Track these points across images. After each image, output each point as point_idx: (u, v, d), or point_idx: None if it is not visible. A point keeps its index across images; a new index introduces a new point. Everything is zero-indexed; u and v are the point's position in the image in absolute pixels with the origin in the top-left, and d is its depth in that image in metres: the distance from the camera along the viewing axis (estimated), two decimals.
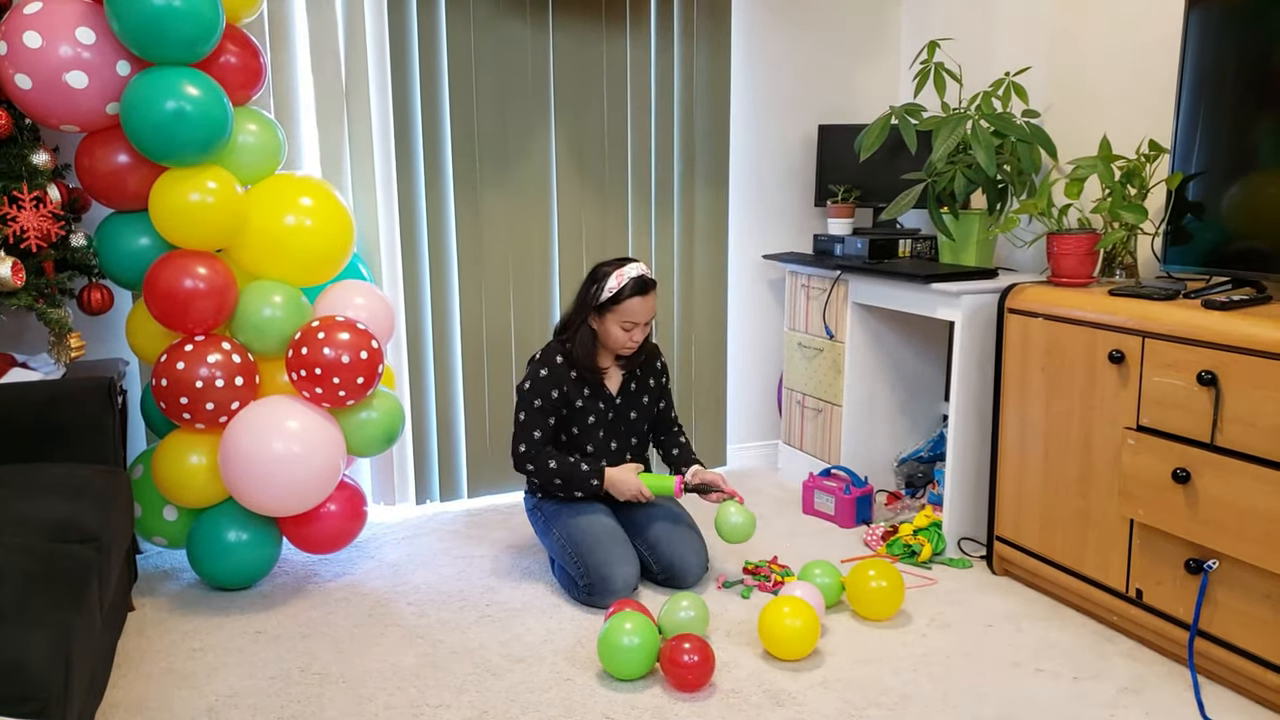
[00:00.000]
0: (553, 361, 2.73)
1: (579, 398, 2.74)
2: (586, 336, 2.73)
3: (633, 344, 2.72)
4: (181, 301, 2.50)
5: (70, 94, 2.42)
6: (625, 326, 2.69)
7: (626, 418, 2.84)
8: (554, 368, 2.72)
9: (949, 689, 2.23)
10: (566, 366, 2.73)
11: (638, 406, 2.85)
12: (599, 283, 2.69)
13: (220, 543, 2.66)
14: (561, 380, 2.72)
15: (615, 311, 2.67)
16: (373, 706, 2.16)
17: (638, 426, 2.87)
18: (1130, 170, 2.70)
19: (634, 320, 2.68)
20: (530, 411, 2.71)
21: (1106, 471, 2.44)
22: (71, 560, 1.84)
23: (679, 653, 2.18)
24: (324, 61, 3.07)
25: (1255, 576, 2.09)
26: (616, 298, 2.66)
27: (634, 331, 2.70)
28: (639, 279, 2.67)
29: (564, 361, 2.73)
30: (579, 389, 2.74)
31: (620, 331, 2.69)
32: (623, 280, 2.66)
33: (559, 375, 2.72)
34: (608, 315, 2.69)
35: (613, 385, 2.82)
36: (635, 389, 2.85)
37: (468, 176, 3.30)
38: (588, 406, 2.76)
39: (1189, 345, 2.19)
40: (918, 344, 3.51)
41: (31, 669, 1.50)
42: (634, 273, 2.67)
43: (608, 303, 2.67)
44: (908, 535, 2.98)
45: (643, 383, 2.86)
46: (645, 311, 2.69)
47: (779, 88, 3.76)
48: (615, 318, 2.68)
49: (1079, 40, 3.09)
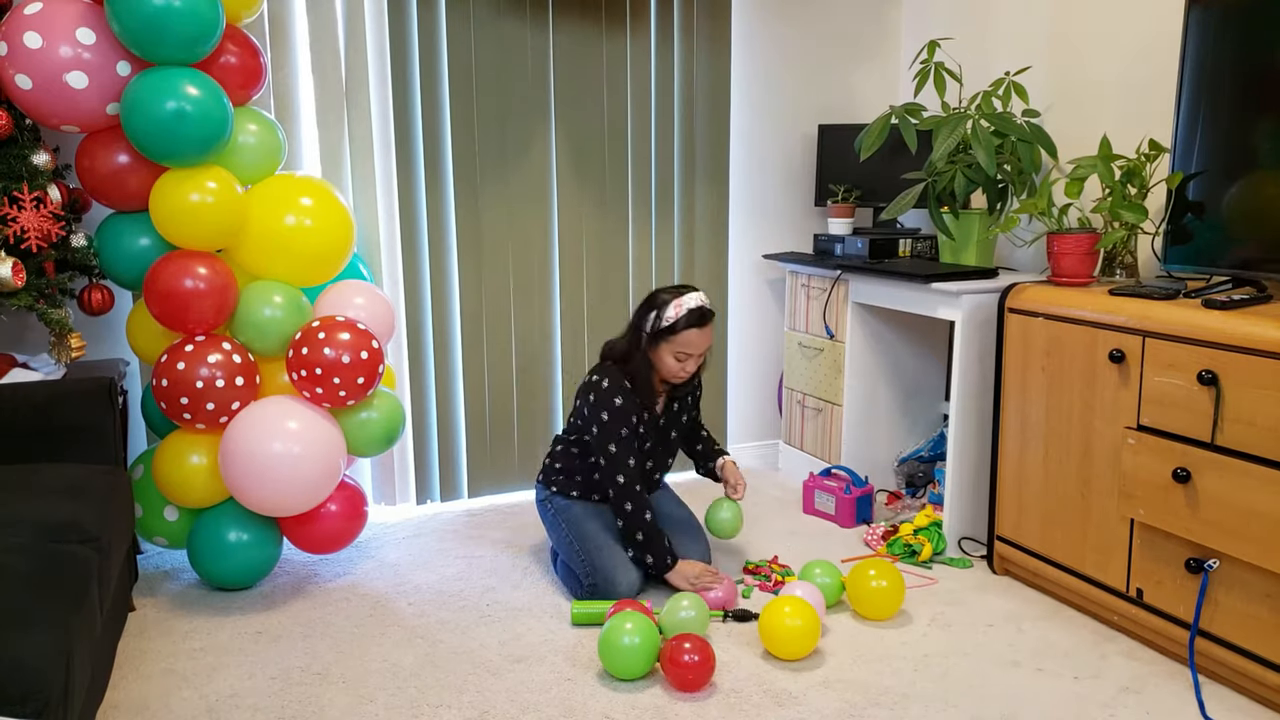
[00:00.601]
0: (623, 387, 2.65)
1: (642, 424, 2.71)
2: (643, 365, 2.66)
3: (685, 374, 2.66)
4: (182, 301, 2.50)
5: (70, 94, 2.42)
6: (679, 357, 2.63)
7: (667, 438, 2.81)
8: (626, 394, 2.64)
9: (949, 689, 2.23)
10: (631, 392, 2.67)
11: (677, 426, 2.84)
12: (657, 310, 2.63)
13: (221, 543, 2.66)
14: (634, 407, 2.65)
15: (671, 341, 2.61)
16: (373, 706, 2.16)
17: (674, 446, 2.87)
18: (1130, 170, 2.70)
19: (688, 351, 2.62)
20: (620, 443, 2.62)
21: (1107, 471, 2.44)
22: (72, 560, 1.84)
23: (679, 652, 2.18)
24: (324, 61, 3.07)
25: (1256, 576, 2.09)
26: (673, 328, 2.60)
27: (688, 362, 2.64)
28: (698, 310, 2.61)
29: (628, 388, 2.66)
30: (641, 414, 2.70)
31: (674, 361, 2.63)
32: (681, 310, 2.59)
33: (631, 401, 2.65)
34: (662, 345, 2.62)
35: (658, 407, 2.78)
36: (676, 409, 2.82)
37: (468, 176, 3.30)
38: (646, 432, 2.72)
39: (1189, 345, 2.19)
40: (918, 344, 3.51)
41: (32, 669, 1.50)
42: (692, 303, 2.61)
43: (664, 331, 2.61)
44: (908, 535, 2.98)
45: (682, 401, 2.84)
46: (702, 343, 2.63)
47: (779, 87, 3.76)
48: (670, 347, 2.62)
49: (1079, 40, 3.09)
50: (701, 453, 2.94)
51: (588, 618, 2.53)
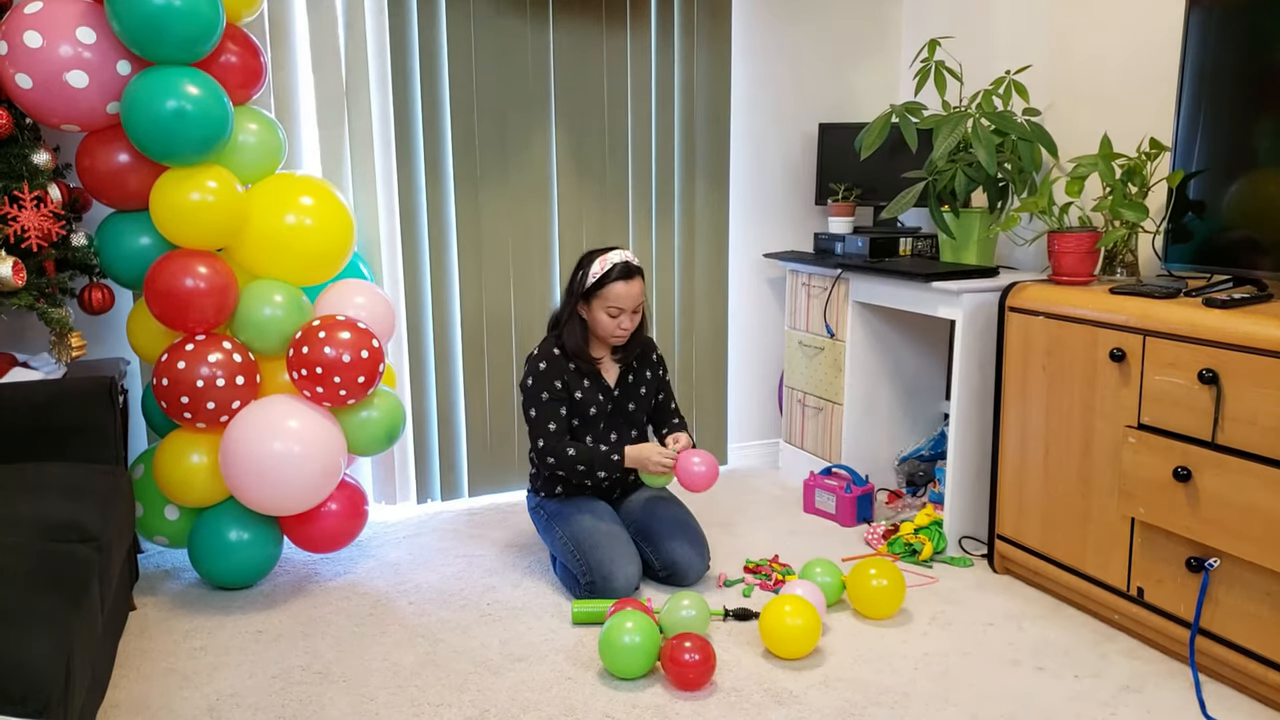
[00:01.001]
0: (550, 354, 2.73)
1: (578, 389, 2.74)
2: (576, 325, 2.73)
3: (621, 332, 2.71)
4: (182, 301, 2.50)
5: (71, 93, 2.42)
6: (611, 313, 2.68)
7: (625, 409, 2.84)
8: (552, 359, 2.73)
9: (949, 688, 2.23)
10: (563, 358, 2.73)
11: (635, 398, 2.85)
12: (583, 269, 2.70)
13: (221, 542, 2.66)
14: (561, 371, 2.72)
15: (600, 297, 2.67)
16: (373, 705, 2.17)
17: (636, 418, 2.87)
18: (1131, 168, 2.69)
19: (619, 306, 2.67)
20: (540, 406, 2.71)
21: (1107, 470, 2.44)
22: (72, 560, 1.84)
23: (680, 651, 2.18)
24: (324, 60, 3.07)
25: (1256, 575, 2.09)
26: (600, 283, 2.66)
27: (621, 318, 2.69)
28: (623, 264, 2.67)
29: (560, 354, 2.74)
30: (578, 380, 2.75)
31: (607, 318, 2.69)
32: (606, 265, 2.66)
33: (558, 367, 2.72)
34: (594, 302, 2.69)
35: (610, 377, 2.82)
36: (632, 380, 2.85)
37: (468, 175, 3.30)
38: (587, 398, 2.76)
39: (1190, 344, 2.19)
40: (918, 342, 3.51)
41: (32, 668, 1.50)
42: (617, 258, 2.67)
43: (592, 289, 2.67)
44: (909, 534, 2.98)
45: (639, 374, 2.86)
46: (630, 297, 2.67)
47: (779, 86, 3.76)
48: (601, 304, 2.68)
49: (1079, 38, 3.09)
50: (666, 432, 2.92)
51: (588, 617, 2.53)
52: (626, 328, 2.71)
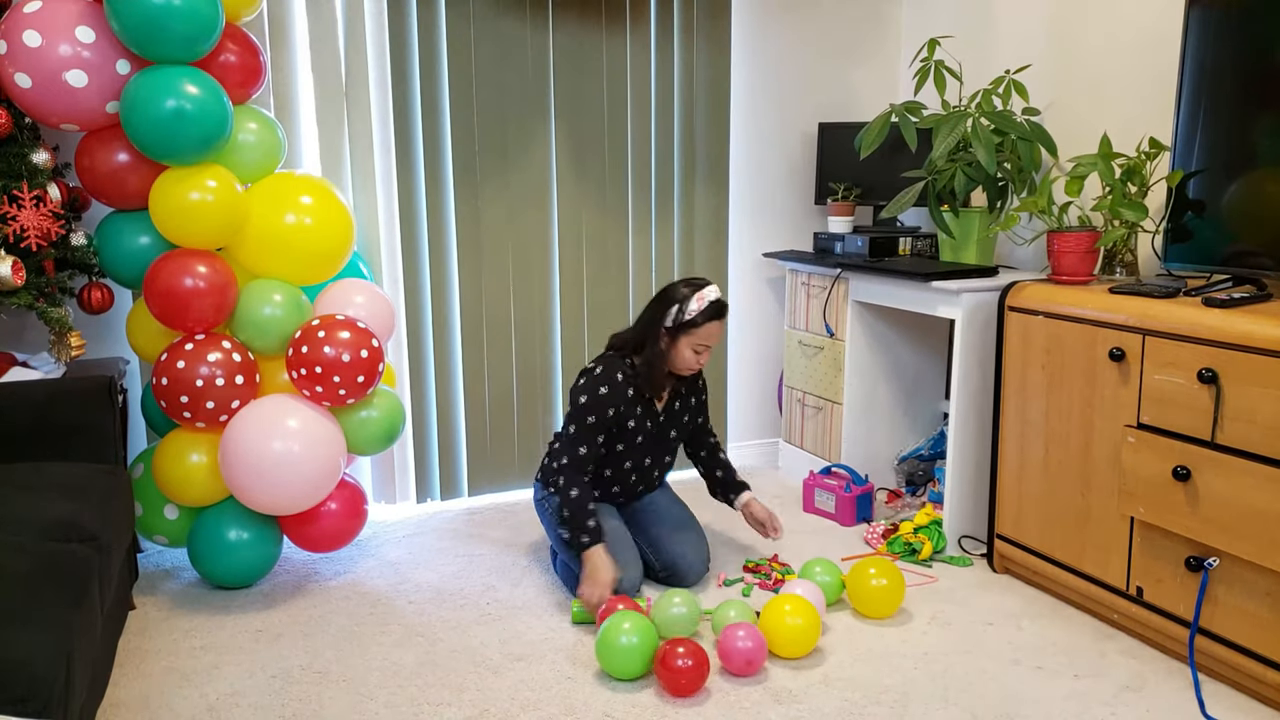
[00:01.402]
0: (615, 379, 2.66)
1: (632, 417, 2.71)
2: (657, 358, 2.67)
3: (699, 366, 2.70)
4: (181, 300, 2.50)
5: (70, 93, 2.42)
6: (697, 349, 2.66)
7: (667, 435, 2.81)
8: (615, 385, 2.66)
9: (949, 687, 2.23)
10: (626, 385, 2.68)
11: (678, 425, 2.84)
12: (678, 304, 2.64)
13: (221, 541, 2.66)
14: (620, 399, 2.66)
15: (691, 335, 2.64)
16: (373, 705, 2.17)
17: (674, 445, 2.86)
18: (1130, 168, 2.70)
19: (706, 344, 2.66)
20: (581, 426, 2.65)
21: (1107, 469, 2.44)
22: (72, 559, 1.84)
23: (673, 657, 2.17)
24: (324, 60, 3.07)
25: (1256, 574, 2.09)
26: (694, 322, 2.63)
27: (704, 354, 2.68)
28: (717, 303, 2.64)
29: (624, 380, 2.67)
30: (634, 407, 2.70)
31: (691, 354, 2.66)
32: (704, 303, 2.63)
33: (619, 393, 2.66)
34: (681, 338, 2.65)
35: (660, 403, 2.78)
36: (679, 407, 2.83)
37: (468, 175, 3.30)
38: (638, 426, 2.72)
39: (1189, 343, 2.19)
40: (918, 342, 3.51)
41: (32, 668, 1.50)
42: (712, 296, 2.64)
43: (686, 324, 2.63)
44: (908, 533, 2.98)
45: (685, 401, 2.84)
46: (719, 335, 2.68)
47: (779, 85, 3.76)
48: (689, 340, 2.65)
49: (1079, 38, 3.09)
50: (722, 480, 2.92)
51: (589, 616, 2.53)
52: (704, 363, 2.71)
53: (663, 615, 2.39)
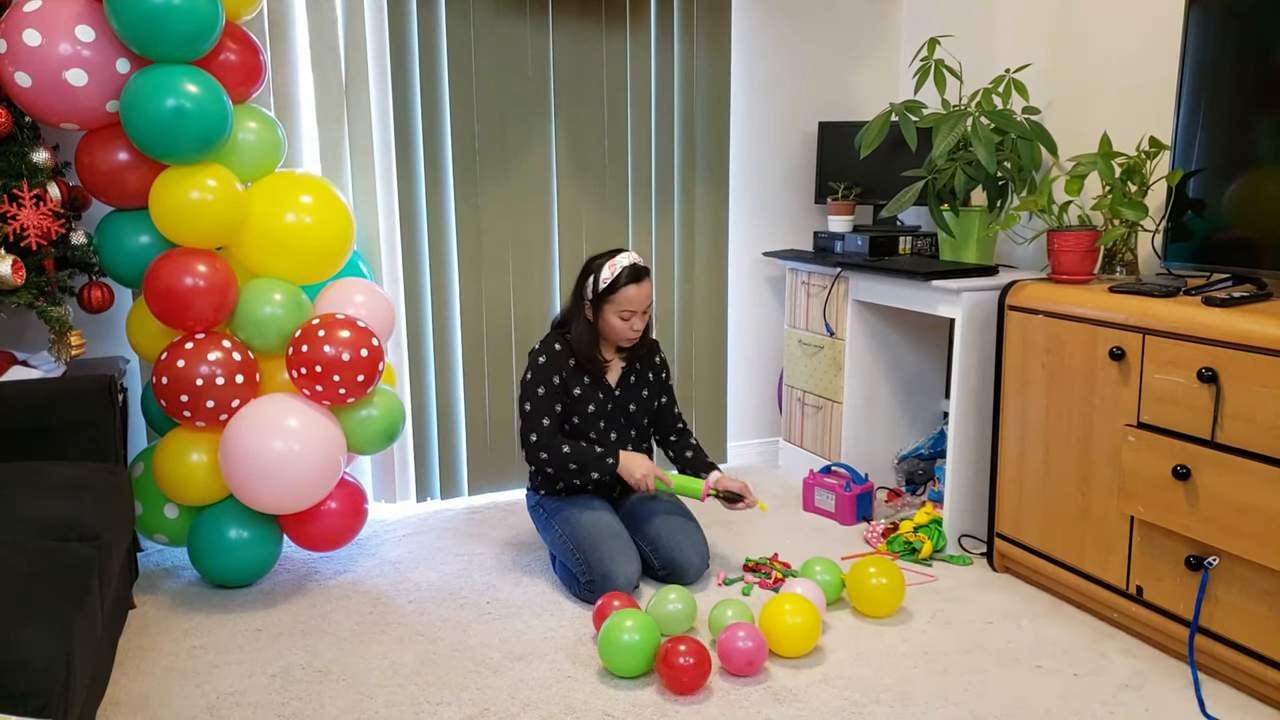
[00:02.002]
0: (551, 349, 2.75)
1: (578, 385, 2.76)
2: (585, 329, 2.75)
3: (633, 333, 2.73)
4: (182, 299, 2.50)
5: (70, 92, 2.41)
6: (623, 316, 2.70)
7: (626, 409, 2.85)
8: (553, 354, 2.74)
9: (949, 686, 2.23)
10: (565, 354, 2.75)
11: (637, 399, 2.86)
12: (593, 275, 2.71)
13: (221, 540, 2.66)
14: (561, 367, 2.74)
15: (612, 302, 2.69)
16: (373, 704, 2.17)
17: (637, 419, 2.88)
18: (1130, 167, 2.70)
19: (631, 309, 2.69)
20: (535, 400, 2.72)
21: (1107, 468, 2.44)
22: (72, 558, 1.84)
23: (674, 655, 2.17)
24: (324, 59, 3.07)
25: (1255, 573, 2.09)
26: (612, 288, 2.68)
27: (633, 320, 2.71)
28: (632, 267, 2.69)
29: (563, 349, 2.75)
30: (578, 377, 2.76)
31: (619, 321, 2.71)
32: (616, 270, 2.68)
33: (558, 362, 2.74)
34: (605, 306, 2.70)
35: (612, 377, 2.83)
36: (635, 381, 2.86)
37: (468, 174, 3.30)
38: (586, 395, 2.77)
39: (1189, 342, 2.19)
40: (918, 341, 3.51)
41: (33, 667, 1.50)
42: (626, 261, 2.70)
43: (604, 293, 2.69)
44: (908, 532, 2.99)
45: (642, 375, 2.88)
46: (641, 299, 2.70)
47: (779, 85, 3.75)
48: (613, 308, 2.70)
49: (1079, 37, 3.09)
50: (692, 461, 2.93)
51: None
52: (638, 329, 2.74)
53: (658, 612, 2.39)
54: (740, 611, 2.38)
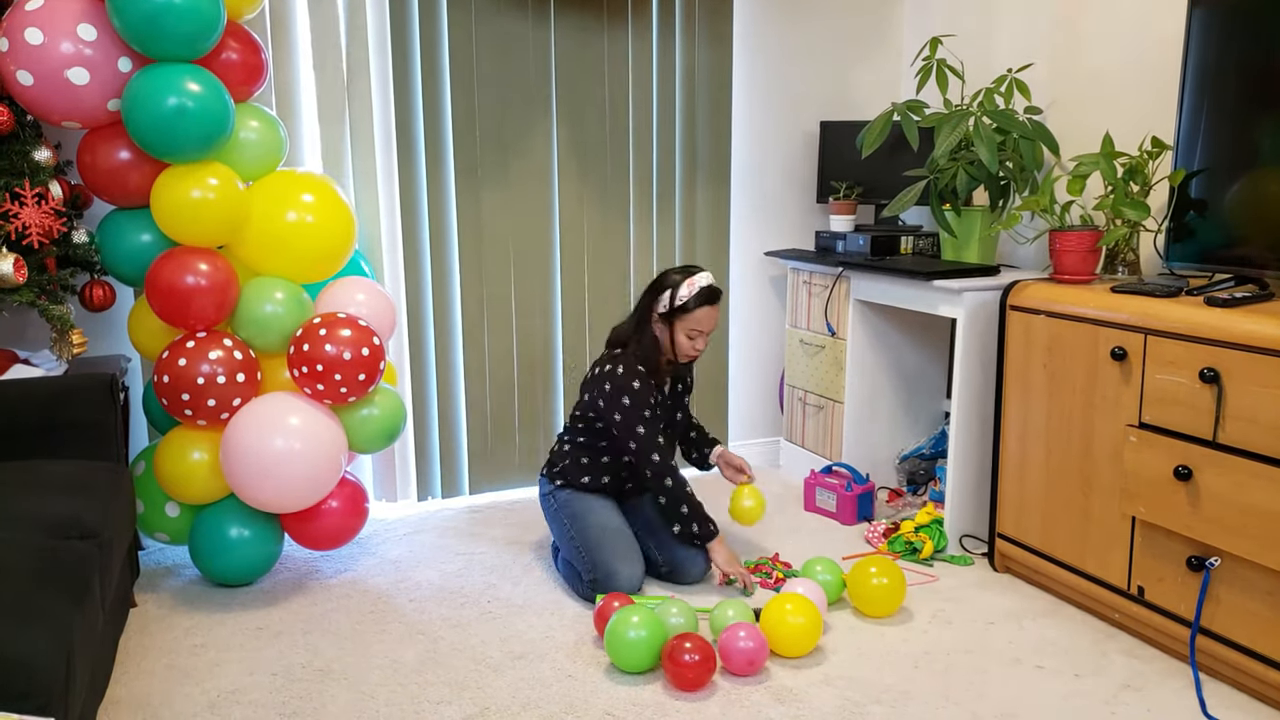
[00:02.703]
0: (638, 372, 2.69)
1: (658, 405, 2.76)
2: (654, 343, 2.72)
3: (696, 352, 2.74)
4: (183, 298, 2.50)
5: (72, 90, 2.41)
6: (691, 334, 2.70)
7: (672, 419, 2.91)
8: (643, 378, 2.69)
9: (950, 686, 2.23)
10: (648, 374, 2.72)
11: (681, 407, 2.93)
12: (670, 290, 2.69)
13: (222, 539, 2.66)
14: (651, 389, 2.71)
15: (683, 320, 2.69)
16: (374, 703, 2.17)
17: (680, 426, 2.95)
18: (1132, 167, 2.69)
19: (700, 329, 2.70)
20: (647, 424, 2.66)
21: (1108, 469, 2.43)
22: (73, 556, 1.84)
23: (680, 652, 2.18)
24: (325, 57, 3.07)
25: (1257, 574, 2.09)
26: (686, 307, 2.67)
27: (698, 340, 2.72)
28: (709, 288, 2.69)
29: (644, 370, 2.71)
30: (657, 396, 2.77)
31: (686, 340, 2.71)
32: (693, 289, 2.67)
33: (647, 384, 2.70)
34: (675, 324, 2.70)
35: (664, 388, 2.86)
36: (680, 390, 2.91)
37: (469, 173, 3.30)
38: (660, 414, 2.78)
39: (1191, 342, 2.19)
40: (919, 341, 3.50)
41: (34, 665, 1.50)
42: (703, 282, 2.69)
43: (678, 310, 2.68)
44: (909, 532, 2.98)
45: (684, 384, 2.94)
46: (712, 321, 2.71)
47: (781, 84, 3.75)
48: (683, 326, 2.69)
49: (1081, 37, 3.09)
50: (695, 440, 2.97)
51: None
52: (700, 349, 2.74)
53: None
54: (741, 611, 2.38)
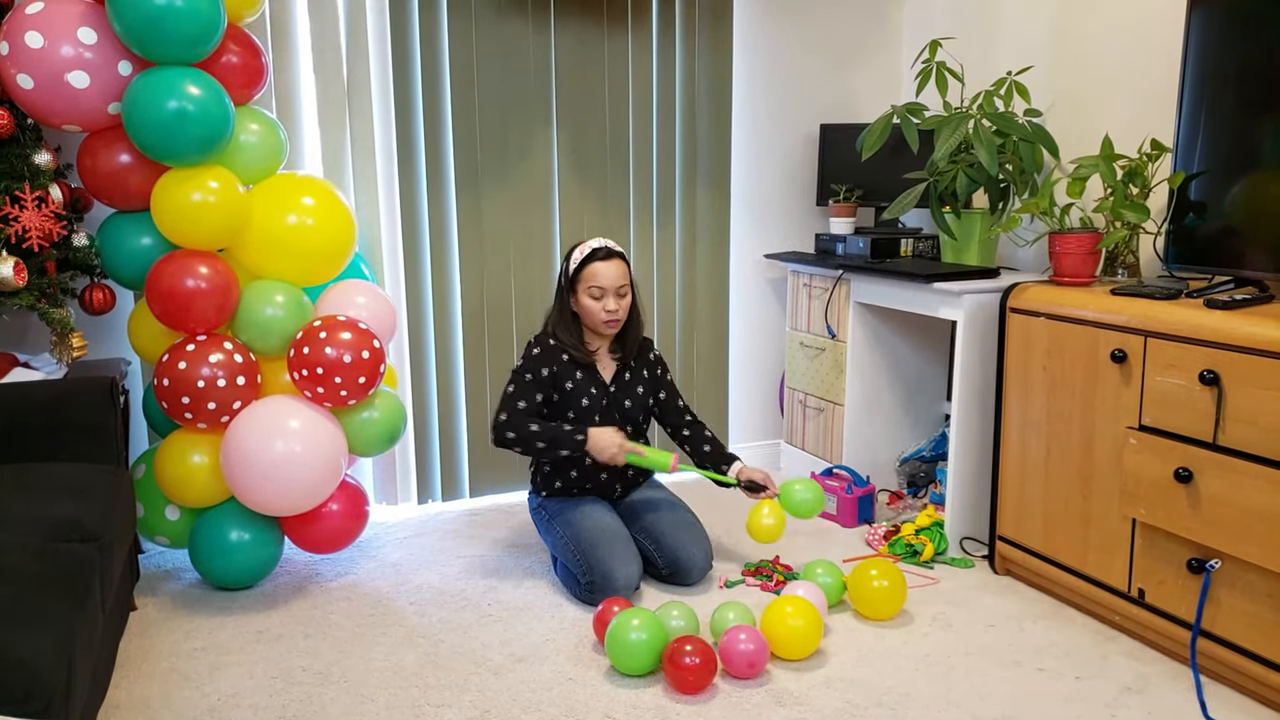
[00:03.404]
0: (545, 342, 2.77)
1: (569, 380, 2.76)
2: (565, 314, 2.78)
3: (608, 315, 2.72)
4: (183, 301, 2.50)
5: (72, 94, 2.42)
6: (594, 294, 2.71)
7: (621, 405, 2.84)
8: (546, 347, 2.76)
9: (951, 688, 2.23)
10: (559, 349, 2.76)
11: (632, 396, 2.86)
12: (566, 259, 2.77)
13: (223, 542, 2.66)
14: (554, 359, 2.75)
15: (582, 280, 2.72)
16: (374, 706, 2.17)
17: (633, 415, 2.86)
18: (1132, 169, 2.69)
19: (600, 285, 2.70)
20: (520, 384, 2.73)
21: (1108, 471, 2.43)
22: (73, 560, 1.84)
23: (680, 655, 2.18)
24: (326, 61, 3.07)
25: (1258, 576, 2.09)
26: (580, 266, 2.71)
27: (606, 300, 2.71)
28: (600, 245, 2.73)
29: (556, 344, 2.77)
30: (570, 371, 2.77)
31: (592, 301, 2.71)
32: (585, 250, 2.73)
33: (551, 354, 2.75)
34: (578, 288, 2.73)
35: (606, 374, 2.83)
36: (629, 378, 2.86)
37: (469, 176, 3.30)
38: (580, 389, 2.77)
39: (1191, 345, 2.19)
40: (919, 343, 3.50)
41: (34, 668, 1.50)
42: (596, 243, 2.75)
43: (575, 273, 2.73)
44: (910, 535, 2.98)
45: (636, 373, 2.88)
46: (610, 276, 2.70)
47: (780, 87, 3.76)
48: (584, 287, 2.72)
49: (1081, 39, 3.09)
50: (712, 455, 2.89)
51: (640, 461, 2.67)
52: (613, 309, 2.71)
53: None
54: (741, 614, 2.38)
